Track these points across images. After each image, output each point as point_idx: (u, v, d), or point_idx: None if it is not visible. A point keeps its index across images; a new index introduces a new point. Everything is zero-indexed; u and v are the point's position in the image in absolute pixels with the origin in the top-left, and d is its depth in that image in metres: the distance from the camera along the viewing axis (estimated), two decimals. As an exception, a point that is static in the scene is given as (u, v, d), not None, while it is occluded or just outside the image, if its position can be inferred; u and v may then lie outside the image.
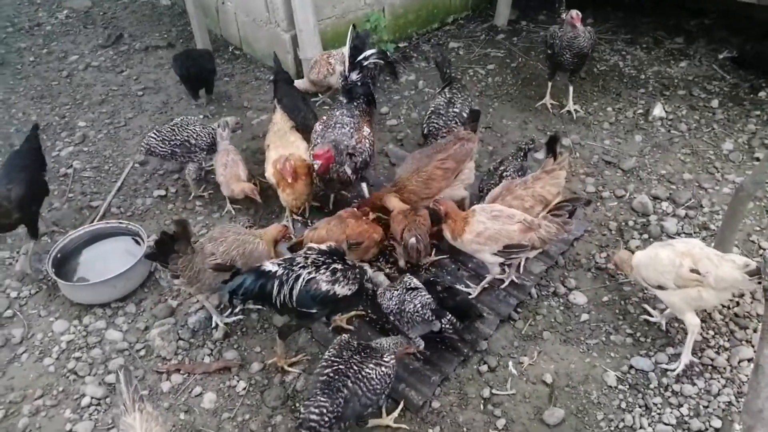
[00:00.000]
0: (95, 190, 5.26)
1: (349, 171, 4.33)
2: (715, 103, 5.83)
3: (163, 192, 5.17)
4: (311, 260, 3.51)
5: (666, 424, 3.44)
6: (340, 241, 4.00)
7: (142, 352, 3.94)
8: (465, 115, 4.80)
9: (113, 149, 5.71)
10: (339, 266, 3.52)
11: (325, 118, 4.65)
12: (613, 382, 3.65)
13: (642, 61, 6.54)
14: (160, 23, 7.78)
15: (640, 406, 3.54)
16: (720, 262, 3.47)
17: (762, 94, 5.84)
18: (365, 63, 4.68)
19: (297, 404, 3.60)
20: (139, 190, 5.24)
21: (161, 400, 3.66)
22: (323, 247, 3.62)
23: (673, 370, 3.65)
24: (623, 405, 3.54)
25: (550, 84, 5.85)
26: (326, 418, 3.02)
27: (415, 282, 3.74)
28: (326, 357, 3.26)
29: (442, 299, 3.65)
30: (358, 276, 3.57)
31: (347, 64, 4.70)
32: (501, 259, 3.87)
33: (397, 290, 3.70)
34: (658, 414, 3.49)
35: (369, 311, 4.06)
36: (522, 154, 4.58)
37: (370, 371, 3.18)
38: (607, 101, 5.98)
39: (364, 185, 4.73)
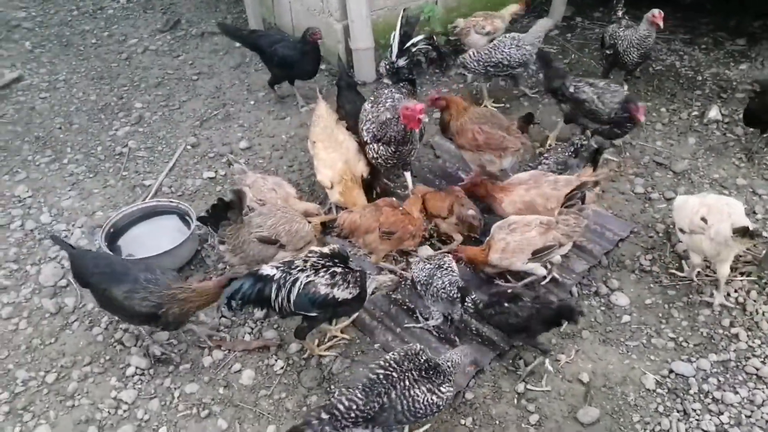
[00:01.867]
0: (148, 170, 5.43)
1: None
2: (775, 107, 5.63)
3: (212, 174, 5.30)
4: (310, 263, 3.50)
5: (704, 430, 3.38)
6: (372, 229, 4.05)
7: (186, 327, 4.07)
8: None
9: (167, 131, 5.88)
10: (339, 270, 3.50)
11: (372, 97, 4.70)
12: (652, 386, 3.59)
13: (700, 62, 6.36)
14: (217, 10, 7.94)
15: (678, 411, 3.47)
16: (728, 216, 3.72)
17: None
18: (413, 49, 4.72)
19: (332, 386, 3.67)
20: (189, 171, 5.38)
21: (202, 374, 3.78)
22: (325, 250, 3.61)
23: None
24: (661, 409, 3.49)
25: None
26: (352, 414, 2.96)
27: (450, 263, 3.74)
28: (387, 358, 3.15)
29: (538, 310, 3.45)
30: (359, 280, 3.54)
31: (395, 50, 4.73)
32: (538, 264, 3.87)
33: (430, 264, 3.73)
34: (697, 420, 3.43)
35: (407, 300, 4.10)
36: (572, 149, 4.51)
37: (420, 394, 3.04)
38: (662, 102, 5.84)
39: (408, 174, 4.75)
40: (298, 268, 3.48)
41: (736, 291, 4.09)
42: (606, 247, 4.37)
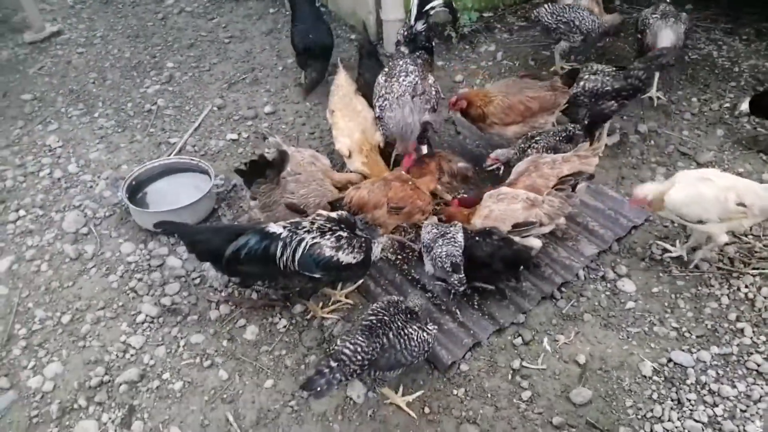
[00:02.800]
0: (174, 128, 5.56)
1: (431, 118, 4.50)
2: (813, 104, 5.45)
3: (235, 136, 5.40)
4: (317, 226, 3.59)
5: (696, 420, 3.36)
6: (381, 204, 4.08)
7: (197, 281, 4.20)
8: None
9: (195, 91, 5.99)
10: (344, 234, 3.58)
11: (387, 69, 4.68)
12: (649, 373, 3.58)
13: (739, 53, 6.17)
14: (254, -25, 7.99)
15: (672, 400, 3.47)
16: (764, 192, 3.74)
17: None
18: (432, 12, 4.74)
19: (332, 347, 3.76)
20: (214, 132, 5.49)
21: (208, 327, 3.91)
22: (333, 215, 3.69)
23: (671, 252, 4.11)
24: (655, 396, 3.48)
25: None
26: (359, 357, 3.11)
27: (455, 233, 3.75)
28: (373, 308, 3.36)
29: (499, 247, 3.71)
30: (363, 246, 3.62)
31: (414, 12, 4.75)
32: (518, 238, 3.91)
33: (437, 230, 3.77)
34: (690, 410, 3.42)
35: (413, 270, 4.15)
36: (564, 135, 4.48)
37: (413, 332, 3.24)
38: (693, 91, 5.71)
39: (424, 148, 4.76)
40: (305, 229, 3.56)
41: (746, 286, 4.03)
42: (618, 233, 4.33)
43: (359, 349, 3.13)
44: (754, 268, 4.12)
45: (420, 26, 4.88)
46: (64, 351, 3.82)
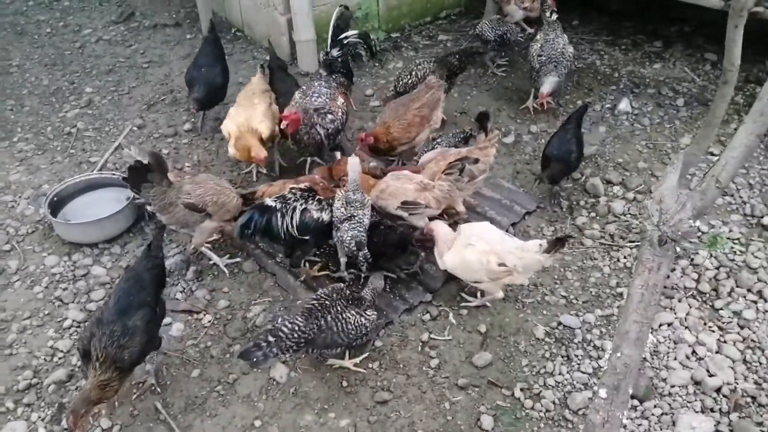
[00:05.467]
0: (95, 148, 5.71)
1: (321, 132, 4.76)
2: (680, 101, 6.17)
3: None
4: (300, 195, 4.10)
5: (583, 372, 3.81)
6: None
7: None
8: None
9: (115, 113, 6.17)
10: (319, 198, 4.13)
11: (304, 87, 5.06)
12: (542, 335, 4.02)
13: (618, 61, 6.89)
14: (171, 4, 8.25)
15: (562, 357, 3.91)
16: (521, 253, 3.86)
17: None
18: (345, 41, 5.13)
19: (255, 335, 4.02)
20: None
21: (135, 327, 4.09)
22: (302, 186, 4.20)
23: (470, 303, 4.21)
24: (547, 355, 3.92)
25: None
26: (295, 335, 3.43)
27: (362, 216, 4.01)
28: (318, 293, 3.70)
29: (386, 234, 4.15)
30: (327, 206, 4.14)
31: (329, 41, 5.14)
32: (418, 217, 4.30)
33: (346, 211, 3.99)
34: (578, 364, 3.87)
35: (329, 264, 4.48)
36: (462, 137, 4.94)
37: (350, 317, 3.58)
38: (579, 95, 6.35)
39: (338, 154, 5.13)
40: (292, 199, 4.06)
41: (625, 257, 4.56)
42: (513, 219, 4.81)
43: (296, 328, 3.45)
44: (630, 241, 4.67)
45: (335, 53, 5.29)
46: (-11, 360, 3.92)
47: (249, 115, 4.93)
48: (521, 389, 3.72)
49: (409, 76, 5.55)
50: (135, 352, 3.35)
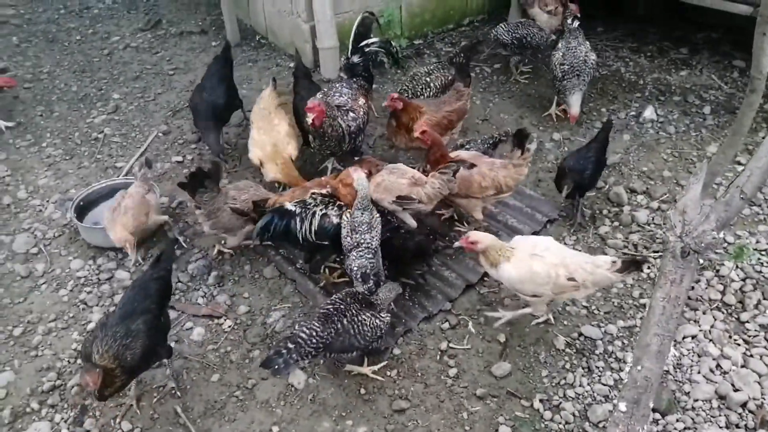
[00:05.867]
0: (121, 154, 5.81)
1: (343, 125, 4.79)
2: (707, 109, 6.08)
3: (180, 158, 5.70)
4: (319, 200, 4.14)
5: (604, 384, 3.76)
6: None
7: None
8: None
9: (141, 119, 6.28)
10: (339, 203, 4.15)
11: (325, 89, 5.12)
12: (562, 346, 3.98)
13: (643, 68, 6.82)
14: (197, 12, 8.38)
15: (583, 368, 3.86)
16: (592, 269, 3.64)
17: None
18: (366, 49, 5.16)
19: (274, 342, 4.03)
20: (159, 155, 5.77)
21: (156, 331, 4.14)
22: (323, 191, 4.23)
23: (499, 319, 4.06)
24: (567, 366, 3.88)
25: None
26: (314, 340, 3.45)
27: (369, 240, 3.93)
28: (332, 298, 3.71)
29: (405, 239, 4.17)
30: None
31: (350, 47, 5.18)
32: (408, 215, 4.31)
33: (356, 235, 3.92)
34: (599, 376, 3.82)
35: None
36: (491, 142, 4.91)
37: (366, 319, 3.59)
38: (603, 103, 6.29)
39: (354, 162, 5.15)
40: (312, 204, 4.10)
41: (648, 268, 4.50)
42: (534, 227, 4.77)
43: (314, 333, 3.47)
44: (654, 252, 4.60)
45: (356, 59, 5.37)
46: (16, 361, 3.99)
47: (274, 141, 4.96)
48: (540, 400, 3.68)
49: (428, 89, 5.47)
50: (137, 354, 3.37)
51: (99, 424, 3.63)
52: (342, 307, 3.62)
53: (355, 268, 3.89)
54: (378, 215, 4.05)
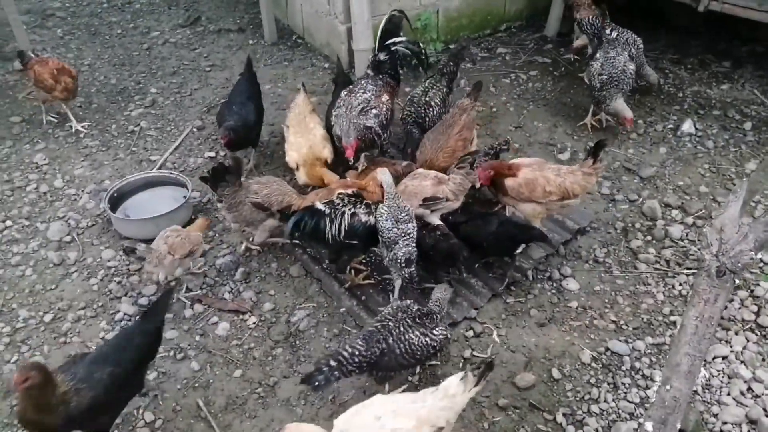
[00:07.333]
0: (156, 147, 5.90)
1: (374, 124, 4.84)
2: (748, 125, 5.94)
3: (213, 154, 5.76)
4: (347, 200, 4.14)
5: (629, 401, 3.68)
6: None
7: (173, 283, 4.48)
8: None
9: (177, 114, 6.36)
10: (366, 202, 4.15)
11: (351, 86, 5.14)
12: (588, 360, 3.91)
13: (683, 81, 6.68)
14: (236, 10, 8.48)
15: (608, 384, 3.79)
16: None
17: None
18: (393, 47, 5.18)
19: (297, 341, 4.05)
20: (193, 150, 5.85)
21: (182, 324, 4.19)
22: (349, 191, 4.25)
23: None
24: (593, 381, 3.81)
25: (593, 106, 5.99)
26: (356, 359, 3.37)
27: (411, 230, 3.96)
28: (382, 313, 3.62)
29: (439, 241, 4.17)
30: (375, 210, 4.13)
31: (377, 44, 5.21)
32: (431, 213, 4.31)
33: (398, 230, 3.92)
34: (624, 392, 3.74)
35: (374, 272, 4.48)
36: (492, 153, 4.88)
37: (414, 338, 3.46)
38: (640, 114, 6.17)
39: (362, 158, 5.13)
40: (341, 204, 4.11)
41: (680, 284, 4.40)
42: (565, 236, 4.70)
43: (356, 353, 3.39)
44: (687, 268, 4.50)
45: (383, 57, 5.35)
46: (45, 347, 4.07)
47: (311, 144, 4.99)
48: (564, 414, 3.62)
49: (430, 108, 5.26)
50: (83, 405, 3.05)
51: (124, 413, 3.66)
52: (390, 324, 3.50)
53: (401, 255, 3.91)
54: (410, 206, 4.07)
